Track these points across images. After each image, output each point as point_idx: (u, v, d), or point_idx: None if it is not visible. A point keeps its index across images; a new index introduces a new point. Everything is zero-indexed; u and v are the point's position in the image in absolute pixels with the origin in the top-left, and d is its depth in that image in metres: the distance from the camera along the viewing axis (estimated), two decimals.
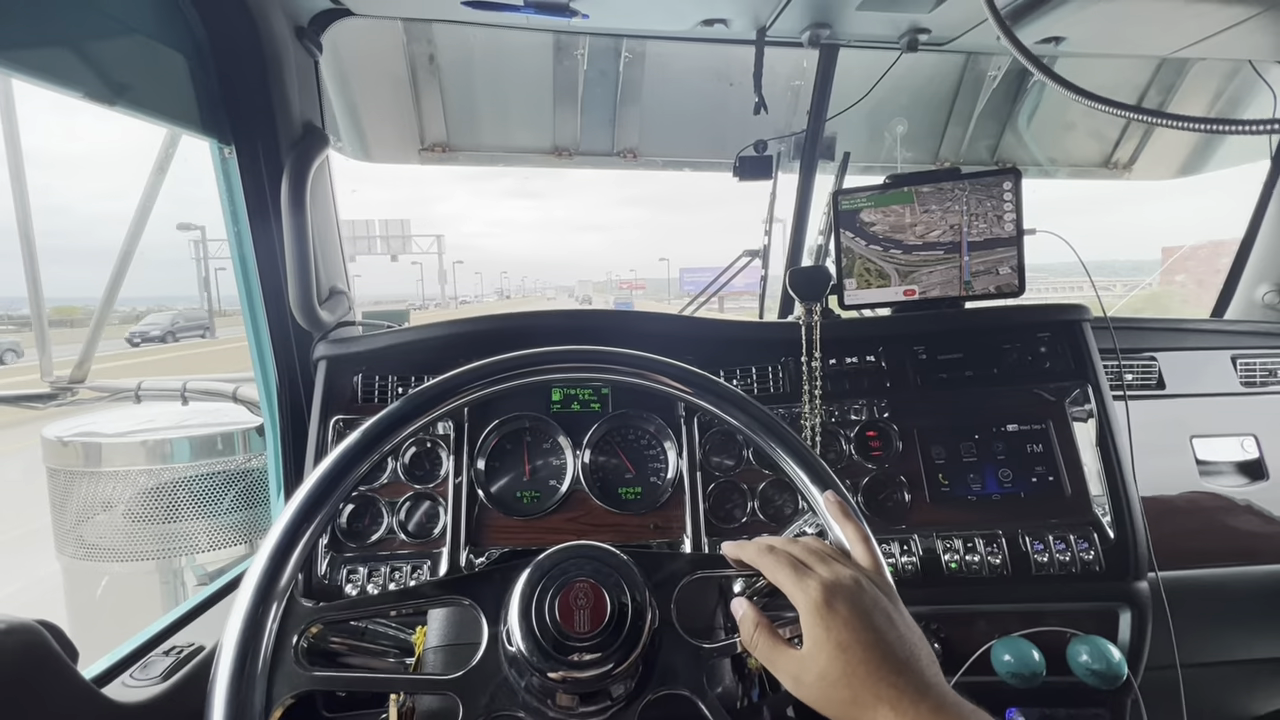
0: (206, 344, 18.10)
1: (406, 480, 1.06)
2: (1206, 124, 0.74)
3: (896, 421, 1.10)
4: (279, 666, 0.52)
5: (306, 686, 0.52)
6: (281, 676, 0.52)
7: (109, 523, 1.45)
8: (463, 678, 0.56)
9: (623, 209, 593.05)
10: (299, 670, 0.53)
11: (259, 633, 0.52)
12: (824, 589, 0.52)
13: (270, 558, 0.54)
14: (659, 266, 71.36)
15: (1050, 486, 1.06)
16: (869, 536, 0.59)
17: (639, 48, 1.59)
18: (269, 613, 0.53)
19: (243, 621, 0.52)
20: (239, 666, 0.50)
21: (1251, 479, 1.26)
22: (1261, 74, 1.40)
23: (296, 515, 0.56)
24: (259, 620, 0.52)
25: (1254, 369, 1.32)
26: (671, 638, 0.58)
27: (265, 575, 0.54)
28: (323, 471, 0.59)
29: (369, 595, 0.97)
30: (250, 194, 1.06)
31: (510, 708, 0.55)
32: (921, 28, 1.21)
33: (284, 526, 0.56)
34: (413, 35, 1.52)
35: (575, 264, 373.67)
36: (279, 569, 0.54)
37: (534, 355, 0.68)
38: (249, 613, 0.52)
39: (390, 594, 0.94)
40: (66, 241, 46.77)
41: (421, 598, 0.65)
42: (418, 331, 1.13)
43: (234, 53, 1.01)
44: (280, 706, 0.51)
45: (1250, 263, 1.50)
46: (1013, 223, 1.18)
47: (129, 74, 0.90)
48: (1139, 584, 1.01)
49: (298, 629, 0.54)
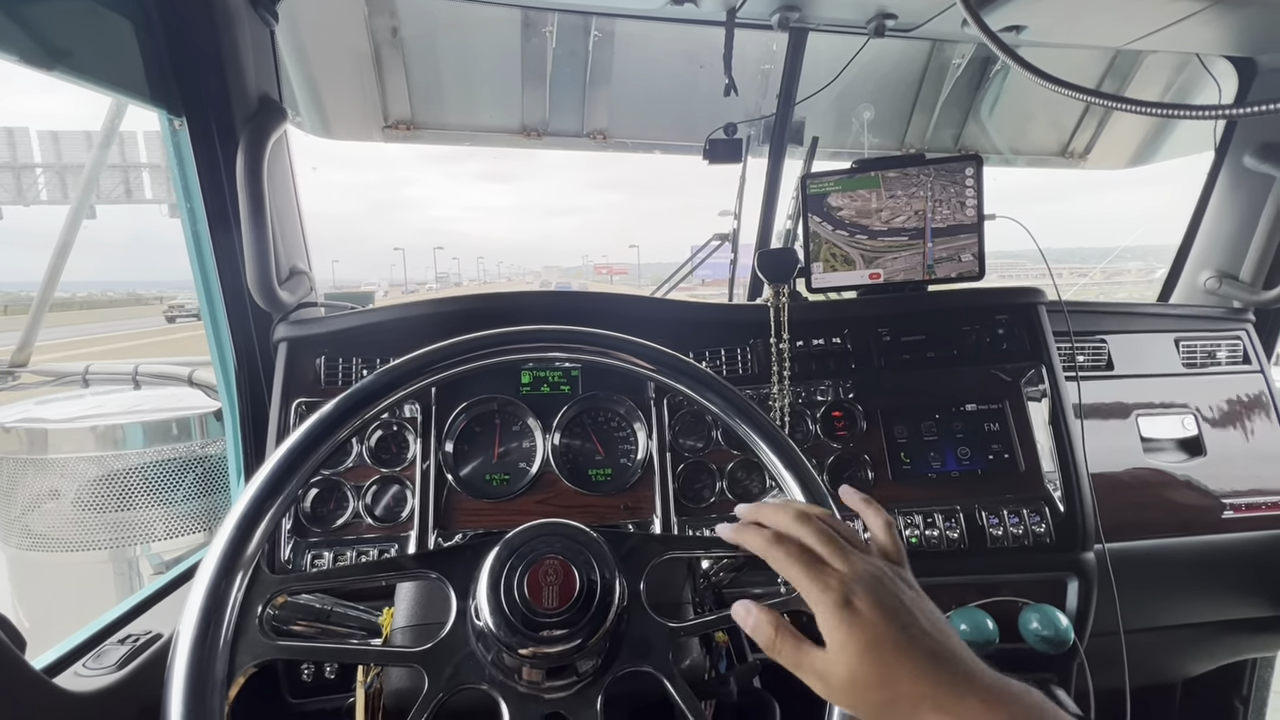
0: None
1: (373, 464, 1.04)
2: (1159, 108, 0.77)
3: (861, 402, 1.12)
4: (242, 635, 0.51)
5: (270, 656, 0.52)
6: (245, 645, 0.51)
7: (57, 511, 1.40)
8: (429, 650, 0.56)
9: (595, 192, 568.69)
10: (263, 640, 0.52)
11: (224, 600, 0.51)
12: (842, 585, 0.48)
13: (238, 524, 0.54)
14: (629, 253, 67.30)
15: (1006, 464, 1.10)
16: (892, 523, 0.55)
17: (608, 27, 1.57)
18: (234, 581, 0.52)
19: (207, 588, 0.51)
20: (202, 633, 0.49)
21: (1190, 455, 1.32)
22: (1208, 67, 1.46)
23: (266, 483, 0.56)
24: (224, 588, 0.51)
25: (1195, 350, 1.39)
26: (640, 616, 0.59)
27: (232, 542, 0.53)
28: (300, 435, 0.58)
29: (337, 567, 0.96)
30: (203, 168, 1.02)
31: (476, 681, 0.55)
32: (889, 13, 1.22)
33: (253, 494, 0.55)
34: (374, 7, 1.47)
35: (548, 248, 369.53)
36: (246, 537, 0.53)
37: (506, 334, 0.68)
38: (214, 579, 0.51)
39: (359, 565, 0.95)
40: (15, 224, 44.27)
41: (391, 569, 0.66)
42: (382, 313, 1.11)
43: (183, 18, 0.97)
44: (242, 675, 0.51)
45: (1194, 250, 1.57)
46: (974, 208, 1.21)
47: (69, 37, 0.85)
48: (1086, 555, 1.06)
49: (263, 598, 0.54)
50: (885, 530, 0.55)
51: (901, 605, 0.47)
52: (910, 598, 0.48)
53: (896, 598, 0.48)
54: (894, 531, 0.55)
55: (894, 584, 0.49)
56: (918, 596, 0.49)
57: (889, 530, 0.55)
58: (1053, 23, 1.19)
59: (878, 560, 0.51)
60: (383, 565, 0.60)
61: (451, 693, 0.55)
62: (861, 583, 0.48)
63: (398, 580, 0.67)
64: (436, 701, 0.54)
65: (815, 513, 0.56)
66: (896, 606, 0.47)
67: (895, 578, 0.50)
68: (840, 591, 0.48)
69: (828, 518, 0.55)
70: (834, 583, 0.48)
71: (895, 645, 0.45)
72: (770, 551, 0.52)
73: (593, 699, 0.55)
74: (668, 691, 0.56)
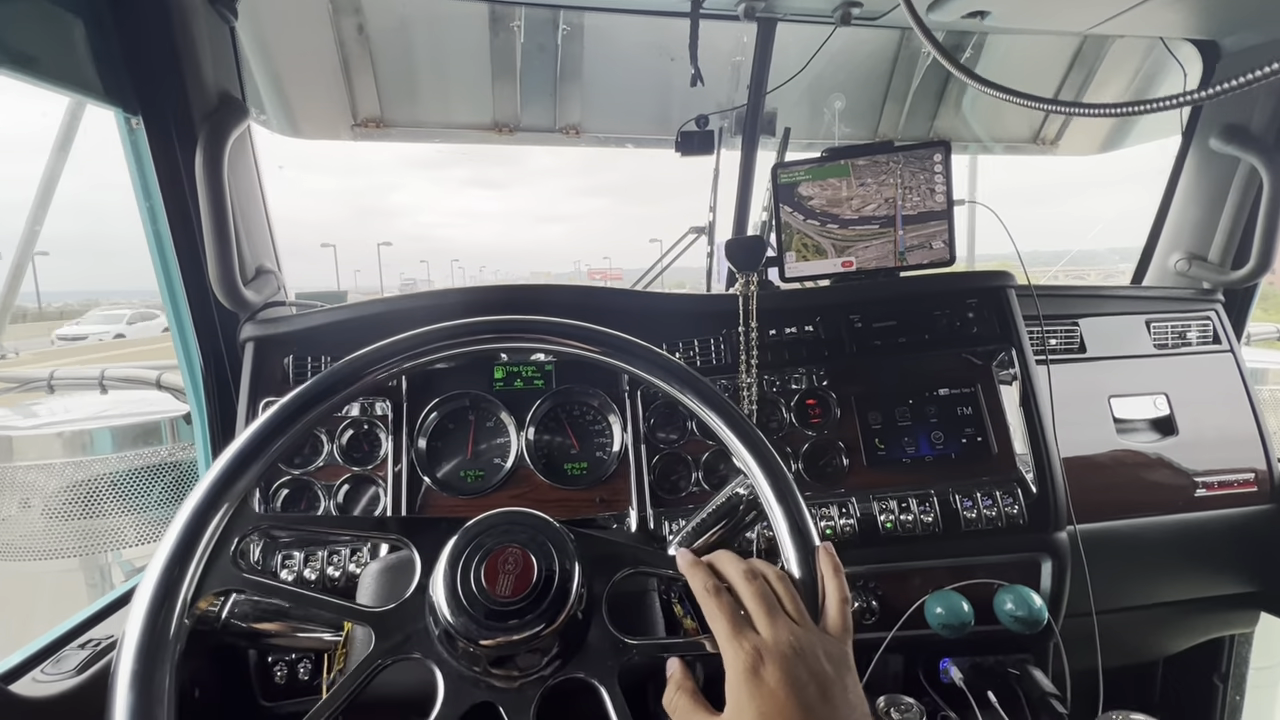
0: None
1: (344, 462, 1.03)
2: (1118, 108, 0.76)
3: (834, 389, 1.13)
4: (215, 560, 0.53)
5: (235, 585, 0.54)
6: (215, 570, 0.53)
7: (24, 520, 1.37)
8: (382, 614, 0.56)
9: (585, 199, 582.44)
10: (232, 570, 0.54)
11: (205, 524, 0.53)
12: (755, 653, 0.49)
13: (235, 456, 0.56)
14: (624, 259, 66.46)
15: (979, 447, 1.10)
16: (848, 599, 0.56)
17: (577, 20, 1.56)
18: (219, 509, 0.54)
19: (193, 510, 0.53)
20: (179, 552, 0.51)
21: (1163, 435, 1.34)
22: (1173, 51, 1.47)
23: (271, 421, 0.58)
24: (209, 514, 0.53)
25: (1165, 332, 1.40)
26: (598, 625, 0.58)
27: (226, 472, 0.55)
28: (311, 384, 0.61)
29: (316, 515, 0.99)
30: (161, 167, 1.00)
31: (423, 653, 0.55)
32: (853, 1, 1.22)
33: (254, 432, 0.57)
34: (339, 5, 1.45)
35: (539, 254, 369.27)
36: (241, 470, 0.55)
37: (473, 324, 0.67)
38: (201, 503, 0.53)
39: (338, 519, 0.98)
40: None
41: (366, 529, 0.73)
42: (350, 310, 1.10)
43: (136, 15, 0.95)
44: (205, 600, 0.52)
45: (1164, 232, 1.58)
46: (944, 194, 1.21)
47: (19, 35, 0.83)
48: (1059, 535, 1.07)
49: (243, 529, 0.55)
50: (838, 606, 0.55)
51: (814, 682, 0.48)
52: (824, 676, 0.49)
53: (809, 676, 0.48)
54: (846, 608, 0.55)
55: (813, 660, 0.49)
56: (834, 678, 0.49)
57: (842, 606, 0.55)
58: (1016, 8, 1.19)
59: (808, 633, 0.51)
60: (359, 522, 0.62)
61: (395, 658, 0.54)
62: (776, 653, 0.49)
63: (372, 539, 0.74)
64: (377, 666, 0.54)
65: (765, 572, 0.56)
66: (804, 683, 0.47)
67: (818, 654, 0.50)
68: (751, 656, 0.48)
69: (777, 577, 0.56)
70: (749, 647, 0.49)
71: None
72: (706, 600, 0.54)
73: (530, 698, 0.54)
74: (605, 709, 0.54)
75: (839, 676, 0.50)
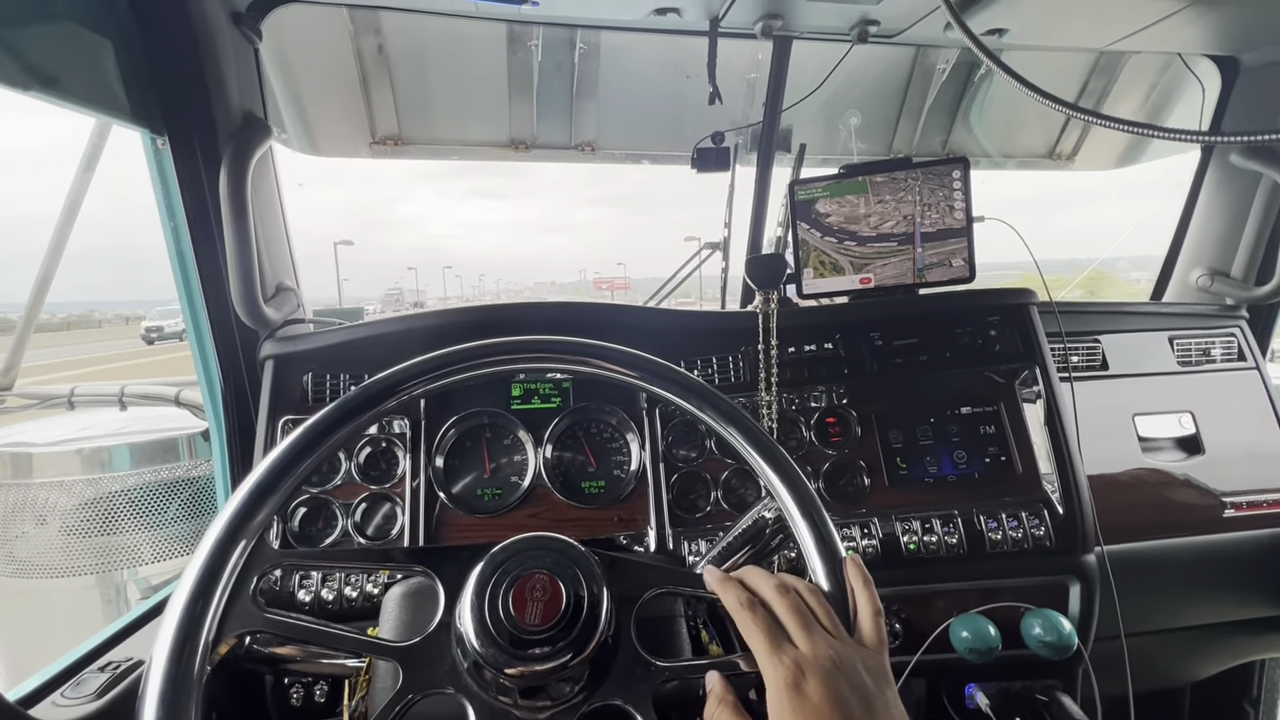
0: None
1: (361, 480, 1.03)
2: (1137, 127, 0.77)
3: (855, 407, 1.11)
4: (235, 602, 0.52)
5: (258, 626, 0.53)
6: (236, 612, 0.52)
7: (43, 537, 1.37)
8: (409, 648, 0.55)
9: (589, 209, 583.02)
10: (254, 610, 0.53)
11: (223, 564, 0.52)
12: (796, 667, 0.48)
13: (251, 491, 0.55)
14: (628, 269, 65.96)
15: (1002, 466, 1.09)
16: (880, 611, 0.55)
17: (593, 39, 1.57)
18: (236, 548, 0.53)
19: (211, 549, 0.52)
20: (198, 592, 0.50)
21: (1189, 454, 1.31)
22: (1190, 67, 1.47)
23: (285, 455, 0.57)
24: (227, 552, 0.52)
25: (1189, 349, 1.38)
26: (628, 648, 0.57)
27: (243, 509, 0.54)
28: (323, 415, 0.59)
29: (335, 549, 0.98)
30: (186, 186, 1.01)
31: (452, 687, 0.54)
32: (871, 19, 1.22)
33: (269, 465, 0.56)
34: (360, 24, 1.47)
35: (542, 264, 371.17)
36: (258, 505, 0.54)
37: (496, 345, 0.67)
38: (219, 542, 0.52)
39: (357, 551, 0.96)
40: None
41: (387, 560, 0.68)
42: (370, 328, 1.10)
43: (165, 38, 0.97)
44: (226, 643, 0.51)
45: (1184, 248, 1.57)
46: (963, 211, 1.20)
47: (49, 59, 0.84)
48: (1086, 557, 1.04)
49: (261, 568, 0.54)
50: (872, 618, 0.54)
51: (854, 698, 0.47)
52: (866, 690, 0.48)
53: (851, 689, 0.47)
54: (879, 620, 0.54)
55: (853, 674, 0.49)
56: (876, 692, 0.49)
57: (876, 619, 0.54)
58: (1034, 25, 1.19)
59: (845, 646, 0.51)
60: (379, 555, 0.61)
61: (425, 693, 0.53)
62: (817, 667, 0.48)
63: (393, 570, 0.69)
64: (408, 701, 0.53)
65: (796, 585, 0.56)
66: (846, 698, 0.47)
67: (858, 667, 0.49)
68: (792, 671, 0.48)
69: (809, 591, 0.55)
70: (789, 661, 0.48)
71: None
72: (740, 614, 0.53)
73: None
74: None
75: (880, 690, 0.49)
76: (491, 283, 60.60)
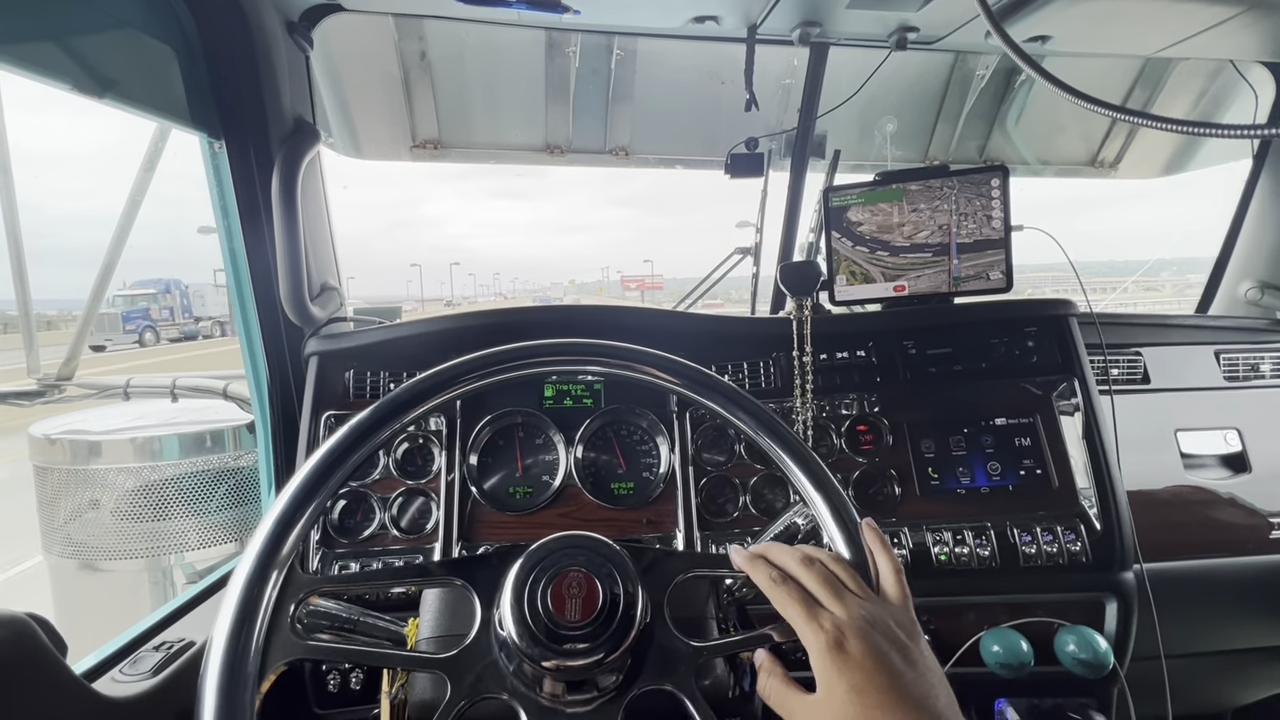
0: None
1: (399, 476, 1.06)
2: (1189, 126, 0.75)
3: (887, 415, 1.11)
4: (275, 633, 0.52)
5: (300, 655, 0.53)
6: (277, 643, 0.52)
7: (97, 520, 1.44)
8: (452, 658, 0.56)
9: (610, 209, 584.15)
10: (294, 639, 0.53)
11: (258, 600, 0.52)
12: (835, 629, 0.50)
13: (274, 526, 0.55)
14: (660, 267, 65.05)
15: (1038, 479, 1.07)
16: (900, 569, 0.57)
17: (630, 45, 1.59)
18: (269, 581, 0.53)
19: (243, 587, 0.52)
20: (237, 631, 0.51)
21: (1234, 472, 1.28)
22: (1243, 74, 1.42)
23: (302, 488, 0.57)
24: (259, 588, 0.52)
25: (1236, 364, 1.34)
26: (663, 633, 0.58)
27: (268, 544, 0.54)
28: (335, 442, 0.59)
29: (367, 571, 0.98)
30: (240, 189, 1.06)
31: (497, 691, 0.55)
32: (910, 26, 1.22)
33: (289, 498, 0.56)
34: (404, 32, 1.52)
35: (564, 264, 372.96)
36: (282, 538, 0.55)
37: (532, 347, 0.69)
38: (250, 579, 0.52)
39: (388, 570, 0.97)
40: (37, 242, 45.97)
41: (419, 575, 0.68)
42: (409, 327, 1.13)
43: (224, 46, 1.01)
44: (273, 673, 0.52)
45: (1233, 260, 1.52)
46: (1000, 221, 1.18)
47: (117, 67, 0.89)
48: (1125, 575, 1.02)
49: (295, 598, 0.55)
50: (893, 576, 0.57)
51: (894, 649, 0.49)
52: (901, 643, 0.50)
53: (889, 644, 0.49)
54: (901, 578, 0.57)
55: (888, 630, 0.51)
56: (910, 644, 0.51)
57: (897, 576, 0.56)
58: (1078, 32, 1.17)
59: (875, 605, 0.53)
60: (411, 571, 0.62)
61: (473, 701, 0.55)
62: (854, 627, 0.50)
63: (425, 586, 0.68)
64: (458, 709, 0.54)
65: (819, 556, 0.58)
66: (887, 652, 0.49)
67: (889, 623, 0.51)
68: (832, 634, 0.50)
69: (833, 560, 0.57)
70: (828, 625, 0.50)
71: (879, 691, 0.47)
72: (773, 590, 0.55)
73: (613, 715, 0.55)
74: (688, 712, 0.55)
75: (914, 642, 0.51)
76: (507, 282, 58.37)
